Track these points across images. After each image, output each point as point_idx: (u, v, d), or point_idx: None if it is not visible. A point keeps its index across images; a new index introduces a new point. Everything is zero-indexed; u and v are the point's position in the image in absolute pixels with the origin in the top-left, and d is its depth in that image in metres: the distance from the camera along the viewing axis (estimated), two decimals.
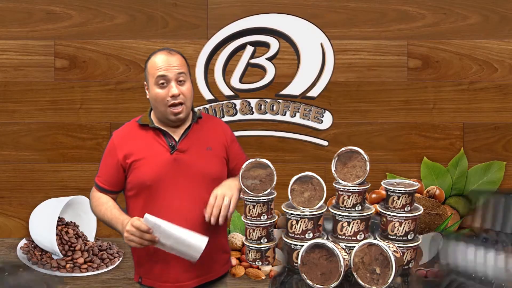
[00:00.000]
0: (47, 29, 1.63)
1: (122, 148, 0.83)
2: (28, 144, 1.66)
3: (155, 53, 0.82)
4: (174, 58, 0.80)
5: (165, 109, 0.79)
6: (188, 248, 0.65)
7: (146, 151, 0.81)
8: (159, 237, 0.66)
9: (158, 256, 0.78)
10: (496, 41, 1.62)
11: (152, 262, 0.81)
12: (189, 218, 0.78)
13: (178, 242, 0.66)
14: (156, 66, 0.78)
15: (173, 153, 0.81)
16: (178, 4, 1.63)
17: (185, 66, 0.83)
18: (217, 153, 0.87)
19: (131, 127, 0.88)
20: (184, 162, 0.81)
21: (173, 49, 0.85)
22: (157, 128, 0.83)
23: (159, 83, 0.78)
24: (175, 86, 0.77)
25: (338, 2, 1.63)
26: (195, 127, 0.86)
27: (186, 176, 0.80)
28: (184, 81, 0.80)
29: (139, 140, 0.83)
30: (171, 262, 0.78)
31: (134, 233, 0.67)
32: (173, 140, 0.82)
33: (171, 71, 0.77)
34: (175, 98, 0.77)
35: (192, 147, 0.83)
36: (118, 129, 0.89)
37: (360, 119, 1.67)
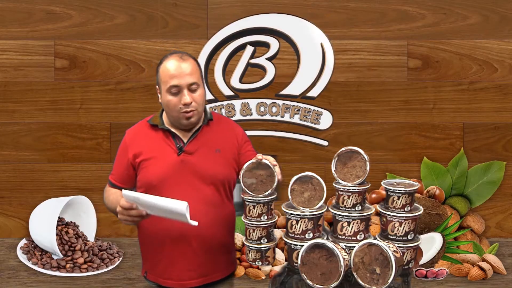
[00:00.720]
0: (47, 29, 1.64)
1: (132, 147, 0.84)
2: (28, 144, 1.66)
3: (167, 58, 0.80)
4: (186, 65, 0.78)
5: (177, 115, 0.79)
6: (174, 215, 0.65)
7: (154, 151, 0.82)
8: (145, 210, 0.67)
9: (163, 253, 0.80)
10: (496, 41, 1.63)
11: (157, 259, 0.82)
12: (195, 219, 0.75)
13: (162, 211, 0.66)
14: (169, 74, 0.77)
15: (180, 154, 0.81)
16: (178, 4, 1.63)
17: (198, 72, 0.82)
18: (226, 155, 0.85)
19: (142, 126, 0.88)
20: (191, 164, 0.80)
21: (186, 53, 0.83)
22: (167, 129, 0.83)
23: (172, 92, 0.77)
24: (187, 94, 0.77)
25: (338, 2, 1.64)
26: (205, 129, 0.86)
27: (192, 178, 0.80)
28: (197, 88, 0.79)
29: (148, 140, 0.84)
30: (175, 260, 0.79)
31: (122, 212, 0.68)
32: (181, 142, 0.83)
33: (184, 80, 0.76)
34: (187, 106, 0.77)
35: (200, 149, 0.83)
36: (131, 128, 0.90)
37: (360, 119, 1.68)
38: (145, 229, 0.83)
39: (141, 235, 0.87)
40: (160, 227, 0.78)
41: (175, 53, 0.82)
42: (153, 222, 0.78)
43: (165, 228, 0.78)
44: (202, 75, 0.86)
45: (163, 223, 0.76)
